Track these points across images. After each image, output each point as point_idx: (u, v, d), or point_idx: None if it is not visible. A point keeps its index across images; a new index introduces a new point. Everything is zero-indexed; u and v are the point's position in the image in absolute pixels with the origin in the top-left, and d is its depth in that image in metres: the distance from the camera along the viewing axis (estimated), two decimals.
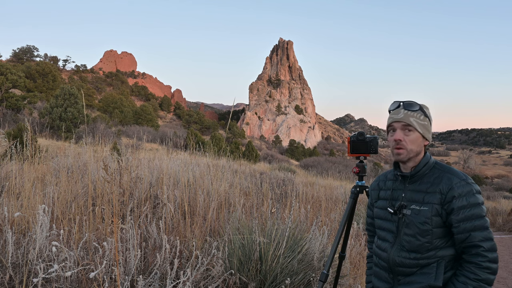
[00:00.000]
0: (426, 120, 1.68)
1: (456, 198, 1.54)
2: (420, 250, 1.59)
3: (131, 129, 35.06)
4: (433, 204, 1.58)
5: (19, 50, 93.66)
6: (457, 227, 1.53)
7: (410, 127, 1.65)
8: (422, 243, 1.58)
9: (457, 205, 1.53)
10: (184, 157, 7.72)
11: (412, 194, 1.66)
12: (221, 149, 9.37)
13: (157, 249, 2.97)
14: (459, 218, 1.52)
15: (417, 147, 1.66)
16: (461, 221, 1.52)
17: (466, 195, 1.53)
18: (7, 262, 2.43)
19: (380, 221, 1.79)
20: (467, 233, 1.51)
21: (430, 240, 1.57)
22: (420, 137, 1.67)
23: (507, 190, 43.01)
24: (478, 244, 1.49)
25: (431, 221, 1.57)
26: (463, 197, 1.53)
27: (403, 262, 1.63)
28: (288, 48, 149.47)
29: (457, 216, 1.53)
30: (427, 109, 1.72)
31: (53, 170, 5.50)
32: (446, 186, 1.57)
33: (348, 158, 45.94)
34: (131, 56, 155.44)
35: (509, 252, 7.52)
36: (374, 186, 1.90)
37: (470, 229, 1.51)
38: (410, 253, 1.61)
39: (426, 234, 1.58)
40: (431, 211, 1.57)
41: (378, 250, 1.77)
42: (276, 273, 2.93)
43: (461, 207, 1.52)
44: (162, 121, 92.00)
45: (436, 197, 1.58)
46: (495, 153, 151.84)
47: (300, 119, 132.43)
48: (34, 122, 21.49)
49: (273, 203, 5.06)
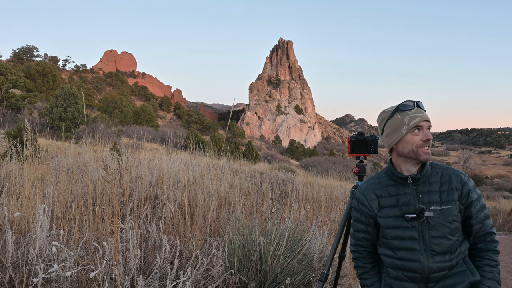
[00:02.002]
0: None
1: (471, 191, 1.61)
2: (451, 249, 1.57)
3: (131, 129, 35.05)
4: (455, 201, 1.60)
5: (19, 50, 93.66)
6: (475, 218, 1.60)
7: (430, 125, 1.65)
8: (453, 241, 1.58)
9: (473, 198, 1.60)
10: (184, 157, 7.72)
11: (427, 196, 1.59)
12: (221, 149, 9.37)
13: (157, 249, 2.97)
14: (477, 209, 1.60)
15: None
16: (478, 212, 1.60)
17: (474, 188, 1.63)
18: (7, 262, 2.42)
19: (394, 230, 1.62)
20: (481, 223, 1.60)
21: (458, 237, 1.60)
22: None
23: (507, 190, 42.99)
24: (490, 231, 1.60)
25: (458, 218, 1.59)
26: (473, 190, 1.62)
27: (440, 266, 1.56)
28: (288, 48, 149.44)
29: (475, 208, 1.60)
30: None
31: (53, 170, 5.50)
32: (458, 182, 1.62)
33: (348, 158, 45.95)
34: (131, 56, 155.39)
35: (509, 252, 7.51)
36: (370, 196, 1.70)
37: (484, 218, 1.60)
38: (444, 256, 1.56)
39: (455, 232, 1.59)
40: (456, 208, 1.59)
41: (403, 262, 1.60)
42: (276, 273, 2.93)
43: (476, 199, 1.61)
44: (162, 121, 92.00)
45: (455, 194, 1.60)
46: (495, 153, 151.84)
47: (300, 119, 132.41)
48: (34, 122, 21.48)
49: (273, 203, 5.06)
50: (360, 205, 1.73)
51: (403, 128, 1.60)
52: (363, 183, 1.80)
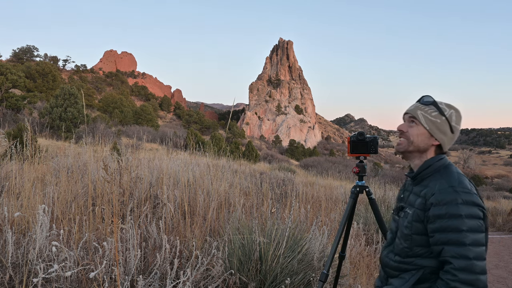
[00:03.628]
0: (439, 118, 1.53)
1: (434, 205, 1.40)
2: (401, 254, 1.54)
3: (131, 129, 35.05)
4: (416, 208, 1.48)
5: (19, 50, 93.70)
6: (432, 237, 1.41)
7: (415, 120, 1.56)
8: (403, 247, 1.52)
9: (434, 213, 1.39)
10: (184, 157, 7.71)
11: (411, 197, 1.57)
12: (221, 149, 9.37)
13: (157, 249, 2.97)
14: (434, 228, 1.39)
15: (420, 143, 1.55)
16: (436, 231, 1.39)
17: (447, 203, 1.37)
18: (7, 262, 2.42)
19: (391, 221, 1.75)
20: (440, 246, 1.38)
21: (409, 245, 1.50)
22: (426, 133, 1.54)
23: (507, 190, 42.96)
24: (449, 260, 1.34)
25: (411, 226, 1.48)
26: (443, 206, 1.37)
27: (388, 263, 1.61)
28: (288, 48, 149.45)
29: (433, 225, 1.40)
30: (450, 109, 1.56)
31: (53, 170, 5.50)
32: (431, 191, 1.44)
33: (348, 158, 45.92)
34: (131, 56, 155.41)
35: (509, 252, 7.51)
36: (401, 187, 1.78)
37: (444, 242, 1.36)
38: (395, 256, 1.58)
39: (406, 239, 1.51)
40: (412, 216, 1.49)
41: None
42: (276, 273, 2.93)
43: (438, 216, 1.38)
44: (162, 121, 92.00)
45: (420, 201, 1.47)
46: (495, 153, 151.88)
47: (300, 119, 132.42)
48: (34, 122, 21.48)
49: (273, 203, 5.06)
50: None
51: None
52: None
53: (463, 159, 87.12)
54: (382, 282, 1.69)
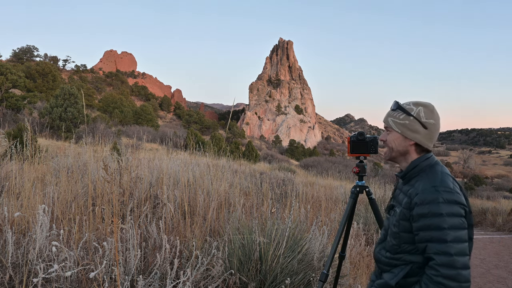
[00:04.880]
0: (407, 119, 1.59)
1: (418, 204, 1.47)
2: (391, 250, 1.62)
3: (131, 129, 35.05)
4: (402, 208, 1.56)
5: (19, 50, 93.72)
6: (416, 234, 1.49)
7: (389, 127, 1.67)
8: (393, 244, 1.61)
9: (417, 212, 1.47)
10: (184, 157, 7.72)
11: (401, 196, 1.64)
12: (221, 149, 9.36)
13: (157, 249, 2.97)
14: (418, 226, 1.47)
15: (398, 147, 1.63)
16: (419, 230, 1.47)
17: (429, 203, 1.44)
18: (7, 262, 2.42)
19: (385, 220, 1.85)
20: (424, 243, 1.46)
21: (398, 243, 1.58)
22: (400, 136, 1.62)
23: (507, 190, 42.99)
24: (432, 256, 1.43)
25: (398, 225, 1.57)
26: (425, 205, 1.45)
27: (380, 259, 1.69)
28: (288, 48, 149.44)
29: (416, 223, 1.48)
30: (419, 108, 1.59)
31: (53, 170, 5.50)
32: (415, 190, 1.51)
33: (348, 158, 45.91)
34: (131, 56, 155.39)
35: (509, 252, 7.51)
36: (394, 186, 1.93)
37: (427, 239, 1.44)
38: (386, 252, 1.66)
39: (395, 237, 1.59)
40: (399, 215, 1.57)
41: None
42: (276, 273, 2.93)
43: (421, 215, 1.46)
44: (162, 121, 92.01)
45: (406, 200, 1.55)
46: (495, 153, 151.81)
47: (300, 119, 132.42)
48: (34, 122, 21.48)
49: (273, 203, 5.06)
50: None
51: None
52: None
53: (463, 159, 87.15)
54: (377, 277, 1.77)
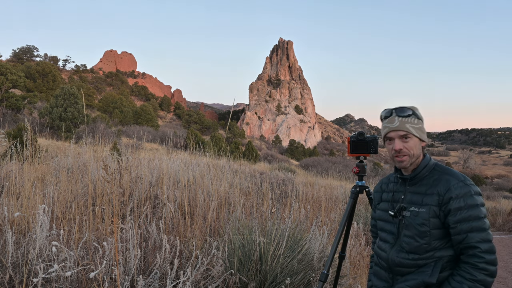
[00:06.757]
0: (420, 123, 1.70)
1: (453, 199, 1.55)
2: (419, 251, 1.62)
3: (131, 129, 35.04)
4: (431, 205, 1.60)
5: (19, 50, 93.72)
6: (454, 228, 1.54)
7: (408, 134, 1.67)
8: (421, 244, 1.61)
9: (454, 206, 1.54)
10: (184, 157, 7.72)
11: (411, 196, 1.68)
12: (221, 149, 9.37)
13: (157, 249, 2.97)
14: (456, 219, 1.53)
15: (417, 151, 1.69)
16: (458, 222, 1.53)
17: (463, 196, 1.54)
18: (7, 262, 2.42)
19: (381, 222, 1.82)
20: (464, 234, 1.52)
21: (428, 241, 1.60)
22: (418, 141, 1.69)
23: (507, 190, 42.94)
24: (475, 245, 1.50)
25: (429, 223, 1.59)
26: (460, 198, 1.54)
27: (402, 262, 1.66)
28: (288, 48, 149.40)
29: (454, 217, 1.54)
30: (417, 110, 1.72)
31: (53, 170, 5.50)
32: (444, 187, 1.58)
33: (348, 158, 45.91)
34: (131, 56, 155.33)
35: (509, 252, 7.51)
36: (377, 188, 1.92)
37: (467, 230, 1.51)
38: (409, 254, 1.64)
39: (424, 236, 1.60)
40: (428, 213, 1.59)
41: (378, 250, 1.81)
42: (276, 273, 2.93)
43: (458, 208, 1.54)
44: (162, 121, 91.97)
45: (434, 198, 1.59)
46: (495, 153, 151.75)
47: (300, 119, 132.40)
48: (34, 122, 21.48)
49: (273, 203, 5.06)
50: (374, 193, 1.97)
51: (382, 138, 1.80)
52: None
53: (463, 159, 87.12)
54: (387, 282, 1.74)
